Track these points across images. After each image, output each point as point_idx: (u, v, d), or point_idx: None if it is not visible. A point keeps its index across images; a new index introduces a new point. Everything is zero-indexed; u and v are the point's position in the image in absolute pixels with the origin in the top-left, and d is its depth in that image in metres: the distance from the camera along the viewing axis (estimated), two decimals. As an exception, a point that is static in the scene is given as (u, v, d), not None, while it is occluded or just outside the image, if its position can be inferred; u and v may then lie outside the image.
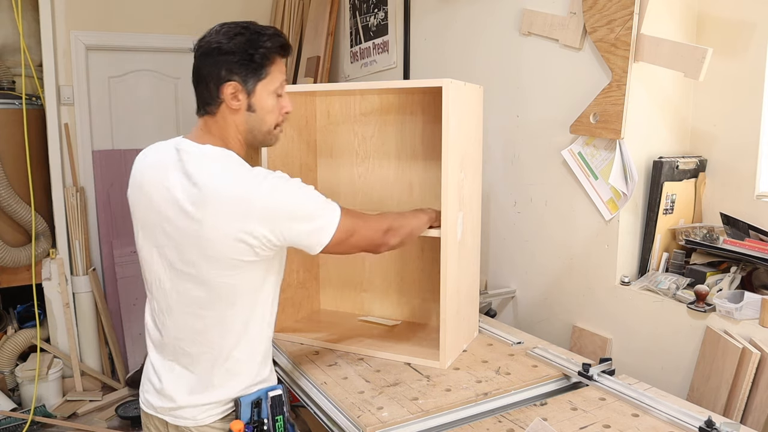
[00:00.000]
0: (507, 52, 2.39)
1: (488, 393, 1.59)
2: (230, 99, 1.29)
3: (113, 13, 3.79)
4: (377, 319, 2.15)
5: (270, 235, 1.25)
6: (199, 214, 1.24)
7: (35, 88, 3.62)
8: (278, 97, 1.36)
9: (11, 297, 3.80)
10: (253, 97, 1.31)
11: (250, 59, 1.28)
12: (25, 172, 3.45)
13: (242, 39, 1.27)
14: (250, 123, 1.33)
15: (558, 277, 2.24)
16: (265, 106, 1.33)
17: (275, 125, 1.37)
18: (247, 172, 1.26)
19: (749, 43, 1.83)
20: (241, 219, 1.22)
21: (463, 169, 1.77)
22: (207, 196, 1.23)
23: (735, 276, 1.80)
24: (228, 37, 1.28)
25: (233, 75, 1.28)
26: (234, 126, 1.33)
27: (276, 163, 1.96)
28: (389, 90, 1.94)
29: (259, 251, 1.27)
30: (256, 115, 1.33)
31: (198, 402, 1.35)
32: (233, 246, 1.24)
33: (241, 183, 1.24)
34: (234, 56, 1.27)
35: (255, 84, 1.30)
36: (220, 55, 1.27)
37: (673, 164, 1.94)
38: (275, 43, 1.31)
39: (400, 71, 3.11)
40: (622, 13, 1.86)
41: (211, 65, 1.29)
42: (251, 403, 1.36)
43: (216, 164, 1.27)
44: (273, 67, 1.32)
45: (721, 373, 1.66)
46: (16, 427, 3.21)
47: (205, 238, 1.24)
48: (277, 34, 1.32)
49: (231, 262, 1.26)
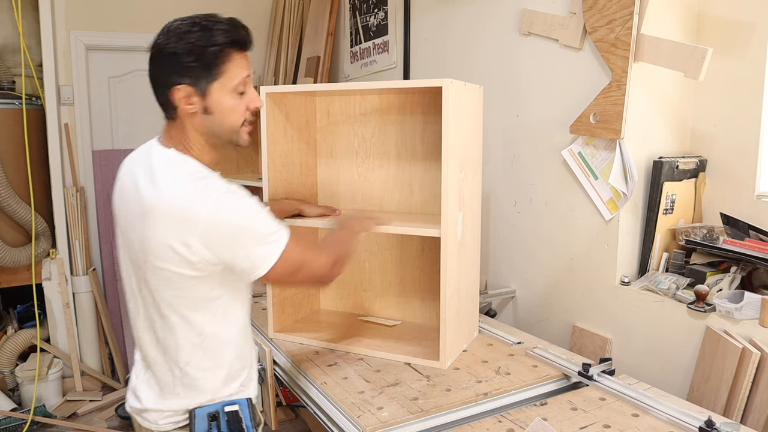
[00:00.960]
0: (507, 52, 2.39)
1: (488, 393, 1.59)
2: (183, 103, 1.21)
3: (113, 13, 3.79)
4: (377, 319, 2.15)
5: (206, 252, 1.18)
6: (146, 221, 1.20)
7: (35, 88, 3.62)
8: (240, 95, 1.25)
9: (11, 297, 3.80)
10: (208, 98, 1.22)
11: (200, 59, 1.18)
12: (25, 172, 3.45)
13: (191, 37, 1.18)
14: (209, 126, 1.24)
15: (558, 277, 2.24)
16: (223, 107, 1.23)
17: (241, 124, 1.28)
18: (198, 184, 1.20)
19: (749, 43, 1.83)
20: (181, 230, 1.17)
21: (463, 169, 1.77)
22: (154, 205, 1.19)
23: (735, 276, 1.80)
24: (176, 36, 1.19)
25: (183, 78, 1.19)
26: (193, 130, 1.25)
27: (276, 163, 1.96)
28: (389, 90, 1.94)
29: (199, 266, 1.20)
30: (214, 117, 1.24)
31: (160, 407, 1.32)
32: (170, 256, 1.19)
33: (187, 195, 1.18)
34: (182, 57, 1.18)
35: (208, 85, 1.20)
36: (168, 57, 1.19)
37: (673, 164, 1.94)
38: (228, 37, 1.20)
39: (400, 71, 3.11)
40: (622, 13, 1.86)
41: (161, 68, 1.22)
42: (207, 416, 1.30)
43: (170, 172, 1.22)
44: (229, 64, 1.21)
45: (721, 373, 1.66)
46: (16, 427, 3.21)
47: (149, 246, 1.21)
48: (232, 26, 1.22)
49: (171, 275, 1.21)
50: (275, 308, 2.01)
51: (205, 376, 1.30)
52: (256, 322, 2.17)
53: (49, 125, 3.57)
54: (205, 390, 1.31)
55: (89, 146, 3.84)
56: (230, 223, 1.19)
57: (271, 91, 1.90)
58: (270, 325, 2.01)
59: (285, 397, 3.08)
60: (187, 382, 1.30)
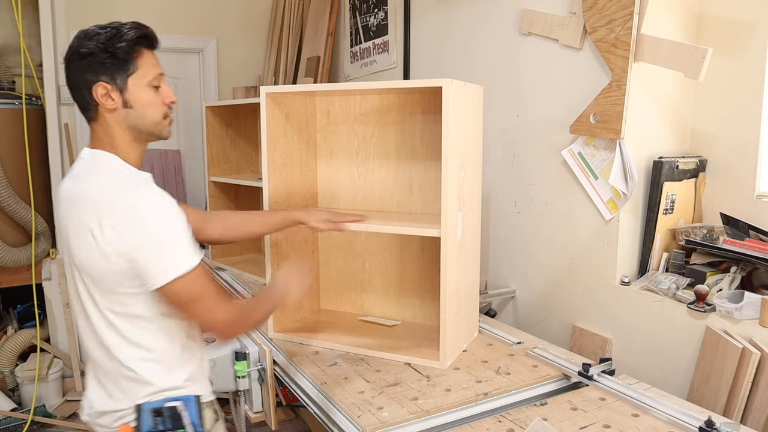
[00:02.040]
0: (507, 52, 2.39)
1: (488, 393, 1.59)
2: (104, 100, 1.26)
3: (113, 13, 3.79)
4: (377, 319, 2.15)
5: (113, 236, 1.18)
6: (70, 211, 1.25)
7: (35, 88, 3.62)
8: (156, 89, 1.30)
9: (11, 297, 3.80)
10: (126, 93, 1.26)
11: (113, 56, 1.24)
12: (25, 172, 3.45)
13: (101, 38, 1.24)
14: (131, 120, 1.28)
15: (558, 277, 2.24)
16: (141, 100, 1.28)
17: (163, 116, 1.32)
18: (128, 177, 1.24)
19: (749, 43, 1.83)
20: (98, 211, 1.20)
21: (463, 169, 1.77)
22: (80, 193, 1.24)
23: (735, 276, 1.80)
24: (87, 39, 1.25)
25: (100, 75, 1.24)
26: (116, 126, 1.29)
27: (276, 163, 1.96)
28: (389, 90, 1.94)
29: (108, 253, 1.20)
30: (134, 111, 1.28)
31: (111, 407, 1.31)
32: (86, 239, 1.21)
33: (114, 182, 1.22)
34: (96, 56, 1.24)
35: (125, 80, 1.26)
36: (83, 58, 1.24)
37: (673, 164, 1.94)
38: (136, 34, 1.27)
39: (400, 71, 3.11)
40: (622, 13, 1.86)
41: (77, 71, 1.26)
42: (152, 411, 1.28)
43: (98, 168, 1.26)
44: (141, 60, 1.28)
45: (721, 373, 1.66)
46: (16, 427, 3.21)
47: (73, 234, 1.24)
48: (137, 26, 1.29)
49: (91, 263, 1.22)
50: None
51: (145, 366, 1.28)
52: (256, 322, 2.17)
53: (49, 125, 3.57)
54: (147, 381, 1.29)
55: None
56: (145, 219, 1.19)
57: (271, 91, 1.90)
58: (270, 325, 2.01)
59: (285, 397, 3.08)
60: (129, 375, 1.28)
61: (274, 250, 1.97)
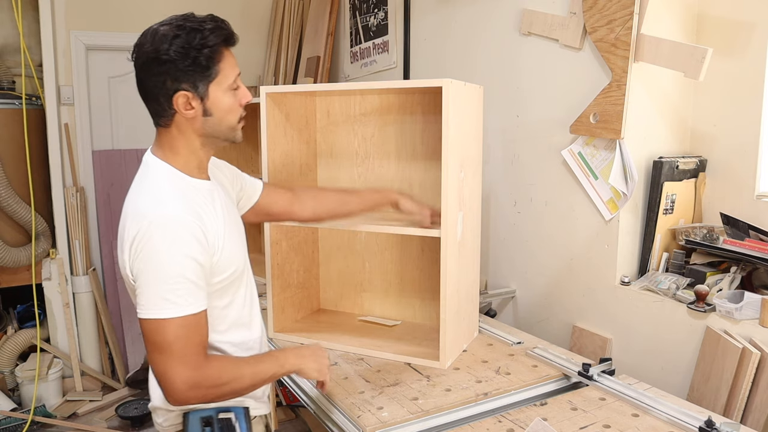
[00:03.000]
0: (507, 52, 2.39)
1: (488, 393, 1.59)
2: (184, 109, 1.20)
3: (113, 13, 3.79)
4: (377, 319, 2.15)
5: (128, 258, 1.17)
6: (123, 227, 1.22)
7: (35, 88, 3.62)
8: (234, 92, 1.25)
9: (11, 297, 3.80)
10: (207, 101, 1.21)
11: (195, 62, 1.17)
12: (25, 172, 3.45)
13: (181, 41, 1.16)
14: (210, 127, 1.24)
15: (558, 277, 2.24)
16: (222, 106, 1.23)
17: (238, 120, 1.28)
18: (157, 192, 1.20)
19: (749, 43, 1.83)
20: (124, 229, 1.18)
21: (463, 169, 1.77)
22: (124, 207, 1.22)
23: (735, 276, 1.80)
24: (166, 42, 1.16)
25: (181, 83, 1.17)
26: (191, 133, 1.24)
27: (276, 163, 1.96)
28: (389, 90, 1.94)
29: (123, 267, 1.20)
30: (214, 118, 1.23)
31: (162, 406, 1.31)
32: (119, 248, 1.21)
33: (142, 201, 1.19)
34: (177, 63, 1.16)
35: (207, 87, 1.20)
36: (161, 64, 1.16)
37: (673, 164, 1.94)
38: (219, 36, 1.19)
39: (400, 71, 3.11)
40: (622, 13, 1.86)
41: (155, 77, 1.18)
42: (200, 420, 1.27)
43: (142, 180, 1.24)
44: (222, 63, 1.20)
45: (721, 373, 1.66)
46: (16, 427, 3.21)
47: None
48: (218, 26, 1.20)
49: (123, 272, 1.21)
50: (275, 308, 2.01)
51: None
52: (256, 322, 2.17)
53: (49, 125, 3.57)
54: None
55: (89, 146, 3.84)
56: (153, 249, 1.14)
57: (271, 91, 1.90)
58: (270, 325, 2.01)
59: (285, 397, 3.08)
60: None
61: (274, 249, 1.97)
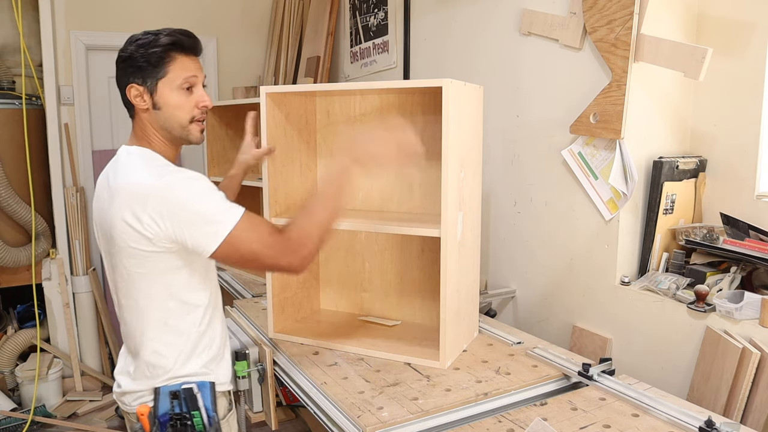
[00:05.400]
0: (507, 52, 2.39)
1: (488, 393, 1.59)
2: (136, 100, 1.38)
3: (113, 13, 3.79)
4: (377, 319, 2.15)
5: (156, 227, 1.27)
6: (111, 204, 1.32)
7: (35, 88, 3.62)
8: (188, 92, 1.39)
9: (11, 297, 3.80)
10: (156, 95, 1.37)
11: (146, 61, 1.35)
12: (25, 172, 3.45)
13: (140, 43, 1.36)
14: (161, 120, 1.39)
15: (558, 277, 2.24)
16: (170, 102, 1.37)
17: (190, 120, 1.40)
18: (154, 167, 1.33)
19: (749, 43, 1.83)
20: (134, 205, 1.28)
21: (463, 169, 1.77)
22: (114, 190, 1.32)
23: (735, 276, 1.80)
24: (129, 43, 1.38)
25: (133, 78, 1.37)
26: (149, 125, 1.40)
27: (276, 163, 1.96)
28: (389, 90, 1.94)
29: (155, 241, 1.29)
30: (163, 113, 1.38)
31: (133, 388, 1.42)
32: (128, 232, 1.29)
33: (142, 175, 1.31)
34: (132, 60, 1.36)
35: (155, 83, 1.36)
36: (123, 62, 1.38)
37: (673, 164, 1.94)
38: (170, 40, 1.36)
39: (400, 71, 3.11)
40: (622, 13, 1.86)
41: (119, 72, 1.40)
42: (169, 394, 1.37)
43: (129, 162, 1.36)
44: (173, 64, 1.37)
45: (721, 373, 1.66)
46: (16, 427, 3.21)
47: (113, 227, 1.31)
48: (176, 32, 1.38)
49: (129, 251, 1.31)
50: (275, 308, 2.01)
51: (168, 353, 1.38)
52: (256, 322, 2.17)
53: (49, 125, 3.57)
54: (167, 367, 1.39)
55: (89, 146, 3.85)
56: (177, 198, 1.28)
57: (271, 91, 1.90)
58: (270, 326, 2.01)
59: (285, 397, 3.08)
60: (153, 361, 1.39)
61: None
